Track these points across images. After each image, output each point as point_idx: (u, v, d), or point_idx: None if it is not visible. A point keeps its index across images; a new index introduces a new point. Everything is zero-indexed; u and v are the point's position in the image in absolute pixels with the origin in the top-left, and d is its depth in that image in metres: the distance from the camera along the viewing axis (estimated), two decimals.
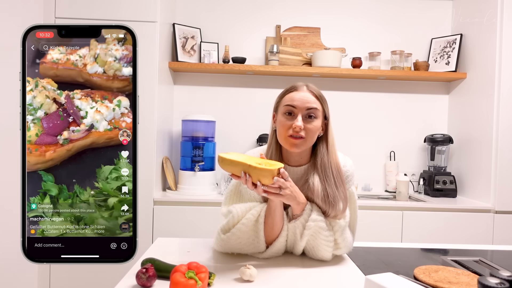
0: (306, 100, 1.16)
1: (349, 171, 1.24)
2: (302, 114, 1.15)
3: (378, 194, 2.71)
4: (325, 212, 1.17)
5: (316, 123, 1.17)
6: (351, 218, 1.25)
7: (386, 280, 0.85)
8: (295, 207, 1.16)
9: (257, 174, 1.05)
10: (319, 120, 1.17)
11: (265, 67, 2.56)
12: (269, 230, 1.17)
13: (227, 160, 1.07)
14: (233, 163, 1.07)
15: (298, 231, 1.17)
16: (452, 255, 1.33)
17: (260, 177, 1.05)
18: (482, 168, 2.41)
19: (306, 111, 1.15)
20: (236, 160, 1.06)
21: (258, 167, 1.04)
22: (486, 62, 2.41)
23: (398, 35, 2.82)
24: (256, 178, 1.05)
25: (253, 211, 1.18)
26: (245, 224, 1.16)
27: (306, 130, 1.15)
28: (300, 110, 1.15)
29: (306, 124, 1.15)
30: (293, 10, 2.80)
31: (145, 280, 0.96)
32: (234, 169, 1.07)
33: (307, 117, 1.16)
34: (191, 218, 2.22)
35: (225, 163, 1.08)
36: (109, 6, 2.18)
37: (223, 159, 1.07)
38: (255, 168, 1.04)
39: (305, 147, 1.18)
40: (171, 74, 2.64)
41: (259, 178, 1.05)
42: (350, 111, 2.80)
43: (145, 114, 2.22)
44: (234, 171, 1.07)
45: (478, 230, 2.28)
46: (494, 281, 0.80)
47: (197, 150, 2.46)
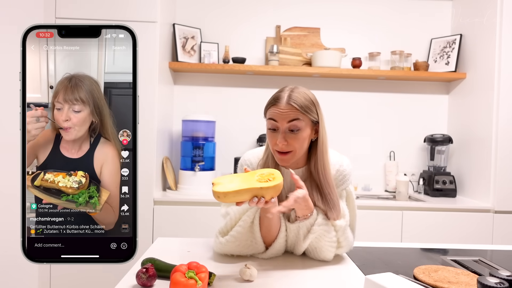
0: (286, 116, 1.12)
1: (345, 170, 1.24)
2: (283, 129, 1.13)
3: (378, 194, 2.71)
4: (326, 214, 1.18)
5: (301, 135, 1.14)
6: (351, 217, 1.25)
7: (386, 280, 0.85)
8: (303, 210, 1.15)
9: (270, 193, 0.99)
10: (304, 130, 1.14)
11: (265, 67, 2.56)
12: (266, 231, 1.17)
13: (231, 193, 0.95)
14: (239, 193, 0.96)
15: (302, 233, 1.17)
16: (452, 255, 1.33)
17: (272, 193, 0.99)
18: (482, 168, 2.41)
19: (287, 125, 1.13)
20: (241, 188, 0.96)
21: (270, 186, 0.97)
22: (485, 62, 2.41)
23: (398, 35, 2.82)
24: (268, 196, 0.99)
25: (249, 212, 1.18)
26: (242, 226, 1.17)
27: (291, 143, 1.13)
28: (282, 124, 1.13)
29: (290, 139, 1.13)
30: (293, 10, 2.80)
31: (145, 280, 0.96)
32: (240, 198, 0.97)
33: (290, 131, 1.13)
34: (191, 218, 2.22)
35: (229, 196, 0.96)
36: (109, 6, 2.19)
37: (227, 193, 0.95)
38: (268, 188, 0.97)
39: (295, 159, 1.17)
40: (171, 74, 2.64)
41: (268, 194, 0.99)
42: (350, 111, 2.80)
43: (145, 114, 2.22)
44: (241, 199, 0.98)
45: (478, 230, 2.28)
46: (493, 280, 0.80)
47: (197, 150, 2.46)
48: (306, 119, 1.14)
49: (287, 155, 1.15)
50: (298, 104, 1.12)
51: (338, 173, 1.22)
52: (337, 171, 1.22)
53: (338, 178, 1.22)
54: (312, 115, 1.15)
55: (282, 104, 1.13)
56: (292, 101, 1.13)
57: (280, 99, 1.14)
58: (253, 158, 1.28)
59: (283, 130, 1.13)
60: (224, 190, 0.96)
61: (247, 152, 1.33)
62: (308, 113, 1.14)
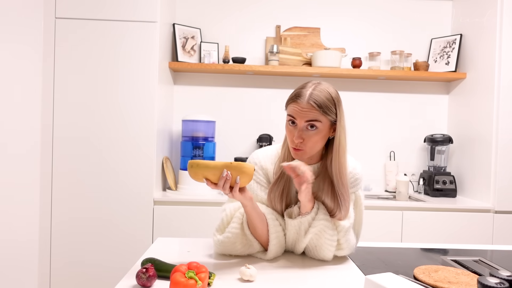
0: (305, 115, 1.12)
1: (358, 174, 1.25)
2: (302, 125, 1.14)
3: (378, 194, 2.71)
4: (331, 212, 1.18)
5: (317, 134, 1.14)
6: (357, 221, 1.25)
7: (386, 280, 0.85)
8: (306, 204, 1.15)
9: (237, 173, 1.07)
10: (321, 129, 1.14)
11: (265, 67, 2.56)
12: (253, 231, 1.18)
13: (202, 163, 1.07)
14: (209, 165, 1.07)
15: (303, 228, 1.17)
16: (452, 255, 1.33)
17: (239, 173, 1.07)
18: (482, 168, 2.41)
19: (306, 123, 1.13)
20: (212, 161, 1.08)
21: (238, 164, 1.06)
22: (485, 62, 2.41)
23: (398, 35, 2.82)
24: (236, 177, 1.08)
25: (242, 209, 1.20)
26: (236, 222, 1.19)
27: (306, 141, 1.14)
28: (300, 122, 1.14)
29: (306, 136, 1.14)
30: (293, 10, 2.80)
31: (145, 280, 0.96)
32: (211, 171, 1.07)
33: (308, 127, 1.14)
34: (191, 218, 2.22)
35: (201, 166, 1.07)
36: (109, 6, 2.18)
37: (198, 162, 1.07)
38: (236, 166, 1.06)
39: (307, 156, 1.18)
40: (171, 74, 2.64)
41: (235, 173, 1.07)
42: (350, 111, 2.80)
43: (145, 114, 2.22)
44: (211, 172, 1.07)
45: (478, 230, 2.28)
46: (493, 280, 0.80)
47: (197, 150, 2.46)
48: (325, 119, 1.14)
49: (300, 151, 1.16)
50: (318, 104, 1.12)
51: (350, 176, 1.24)
52: (350, 173, 1.23)
53: (349, 181, 1.23)
54: (331, 115, 1.14)
55: (303, 102, 1.12)
56: (312, 100, 1.12)
57: (301, 96, 1.13)
58: (263, 157, 1.28)
59: (300, 127, 1.14)
60: (198, 160, 1.07)
61: (256, 151, 1.32)
62: (327, 114, 1.13)
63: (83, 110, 2.20)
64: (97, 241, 2.20)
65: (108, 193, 2.21)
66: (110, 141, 2.21)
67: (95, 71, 2.20)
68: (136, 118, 2.22)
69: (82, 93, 2.20)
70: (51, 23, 2.17)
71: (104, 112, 2.21)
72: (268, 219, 1.19)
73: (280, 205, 1.22)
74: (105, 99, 2.21)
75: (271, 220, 1.19)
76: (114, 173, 2.21)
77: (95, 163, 2.20)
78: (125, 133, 2.22)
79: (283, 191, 1.21)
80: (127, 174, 2.21)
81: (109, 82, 2.21)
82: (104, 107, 2.21)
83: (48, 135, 2.18)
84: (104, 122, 2.21)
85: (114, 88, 2.21)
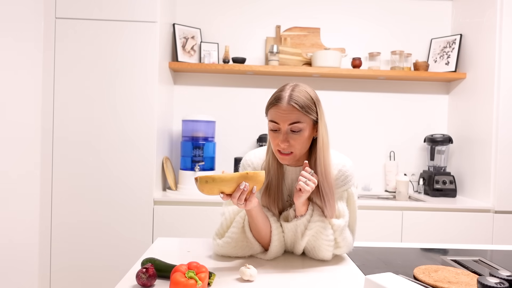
0: (286, 118, 1.12)
1: (348, 171, 1.23)
2: (285, 130, 1.13)
3: (378, 194, 2.71)
4: (323, 211, 1.18)
5: (302, 135, 1.14)
6: (351, 218, 1.25)
7: (386, 280, 0.85)
8: (301, 208, 1.15)
9: (254, 182, 1.05)
10: (305, 130, 1.14)
11: (265, 67, 2.56)
12: (256, 234, 1.19)
13: (217, 178, 1.01)
14: (225, 179, 1.02)
15: (300, 230, 1.18)
16: (452, 255, 1.33)
17: (257, 183, 1.05)
18: (482, 168, 2.41)
19: (289, 126, 1.13)
20: (227, 174, 1.03)
21: (255, 173, 1.04)
22: (485, 62, 2.41)
23: (398, 35, 2.82)
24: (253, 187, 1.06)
25: (242, 213, 1.20)
26: (236, 226, 1.19)
27: (293, 144, 1.14)
28: (284, 125, 1.13)
29: (292, 139, 1.13)
30: (293, 10, 2.80)
31: (145, 280, 0.96)
32: (225, 187, 1.03)
33: (291, 131, 1.13)
34: (191, 218, 2.22)
35: (217, 181, 1.01)
36: (109, 6, 2.19)
37: (214, 177, 1.01)
38: (254, 175, 1.04)
39: (296, 158, 1.18)
40: (171, 74, 2.64)
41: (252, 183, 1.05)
42: (350, 111, 2.80)
43: (145, 114, 2.22)
44: (225, 189, 1.04)
45: (478, 230, 2.28)
46: (493, 280, 0.80)
47: (197, 150, 2.46)
48: (307, 120, 1.14)
49: (289, 155, 1.15)
50: (299, 105, 1.12)
51: (340, 173, 1.22)
52: (339, 171, 1.22)
53: (340, 179, 1.22)
54: (312, 115, 1.14)
55: (283, 104, 1.12)
56: (293, 102, 1.11)
57: (281, 99, 1.13)
58: (255, 159, 1.29)
59: (284, 131, 1.13)
60: (211, 175, 1.02)
61: (249, 153, 1.33)
62: (309, 113, 1.13)
63: (83, 110, 2.20)
64: (97, 241, 2.20)
65: (108, 193, 2.21)
66: (110, 141, 2.21)
67: (95, 71, 2.20)
68: (136, 118, 2.22)
69: (82, 93, 2.20)
70: (51, 23, 2.17)
71: (105, 112, 2.21)
72: (271, 220, 1.19)
73: (275, 210, 1.23)
74: (106, 99, 2.21)
75: (273, 222, 1.20)
76: (114, 173, 2.21)
77: (95, 163, 2.20)
78: (125, 133, 2.22)
79: (275, 197, 1.22)
80: (127, 174, 2.21)
81: (109, 82, 2.21)
82: (104, 107, 2.21)
83: (48, 135, 2.18)
84: (104, 122, 2.21)
85: (114, 88, 2.21)
